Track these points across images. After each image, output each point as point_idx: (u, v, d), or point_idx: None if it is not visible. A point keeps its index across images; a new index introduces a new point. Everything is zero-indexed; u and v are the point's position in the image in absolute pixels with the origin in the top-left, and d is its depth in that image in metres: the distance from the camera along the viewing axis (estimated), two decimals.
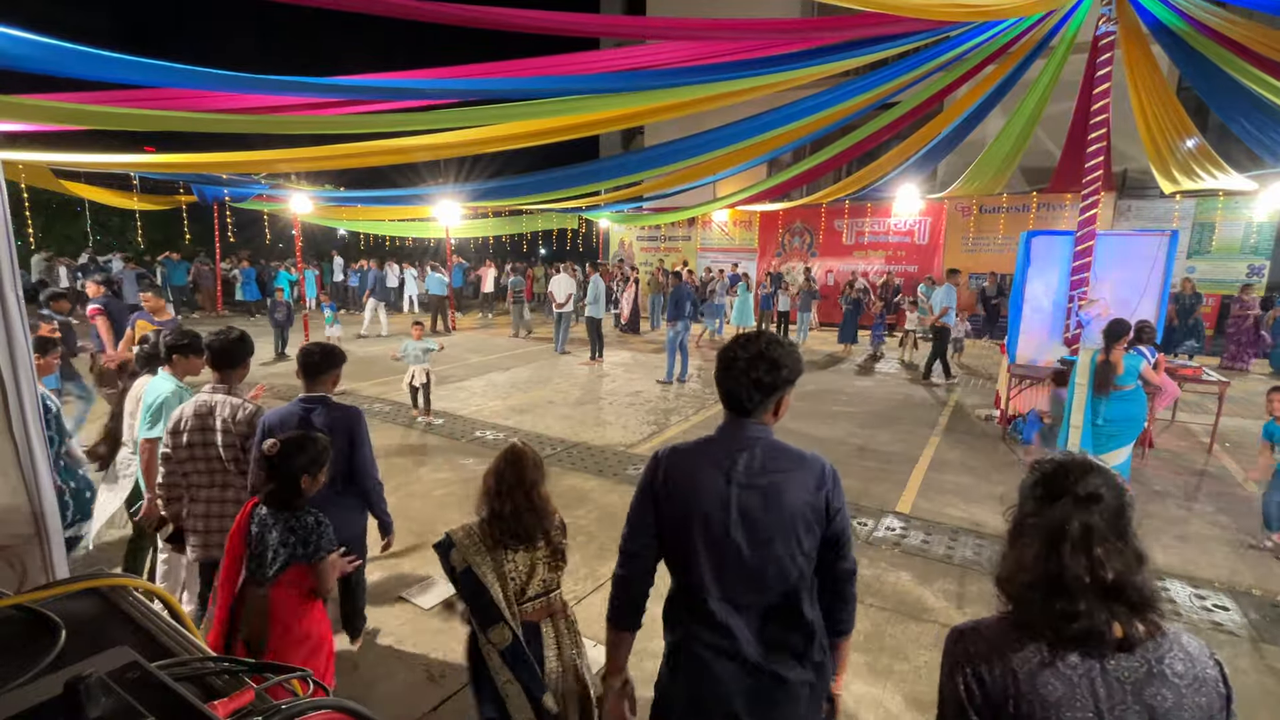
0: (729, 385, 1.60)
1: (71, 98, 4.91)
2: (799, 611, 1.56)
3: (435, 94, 5.32)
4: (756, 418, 1.61)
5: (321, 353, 2.92)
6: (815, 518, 1.55)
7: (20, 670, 0.69)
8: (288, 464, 2.16)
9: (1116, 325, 5.06)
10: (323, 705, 0.71)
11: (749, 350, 1.58)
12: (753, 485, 1.55)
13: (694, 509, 1.57)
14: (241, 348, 2.92)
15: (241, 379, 2.97)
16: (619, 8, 22.22)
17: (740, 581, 1.56)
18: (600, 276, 11.89)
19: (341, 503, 2.79)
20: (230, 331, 2.92)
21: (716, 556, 1.56)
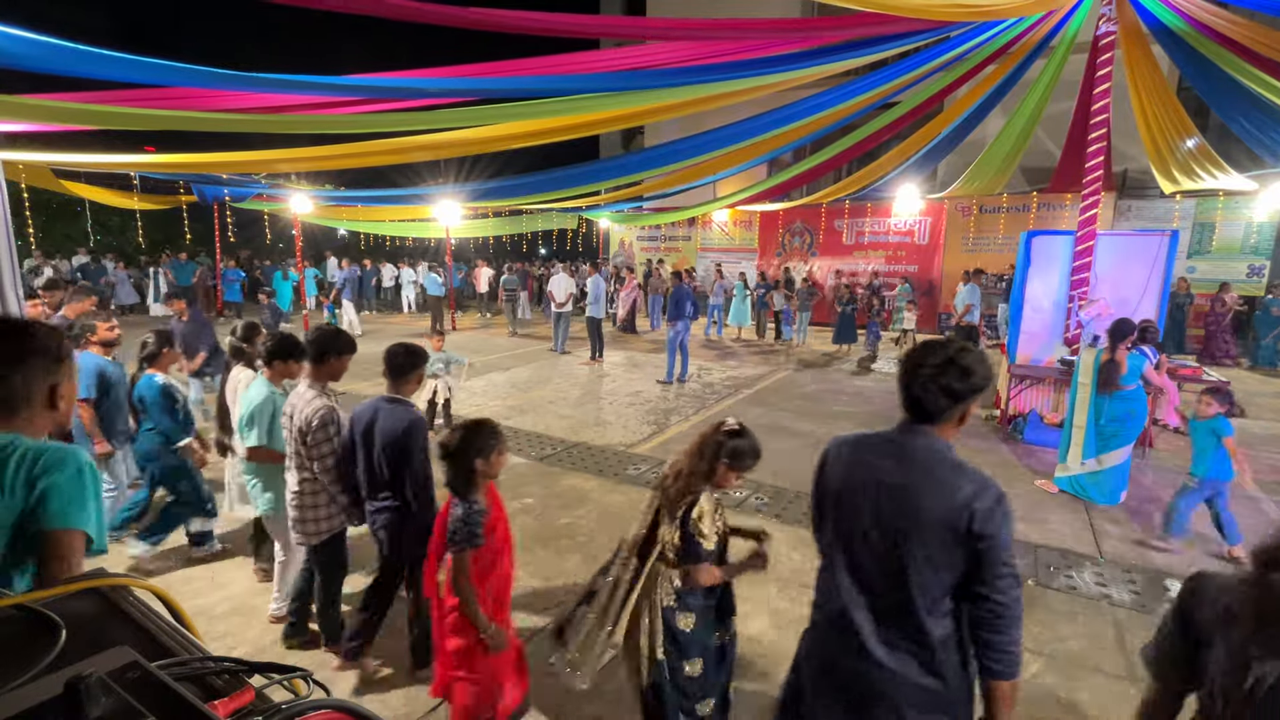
0: (915, 391, 1.59)
1: (72, 97, 4.91)
2: (916, 619, 1.56)
3: (435, 93, 5.32)
4: (937, 424, 1.61)
5: (405, 353, 2.89)
6: (953, 538, 1.51)
7: (20, 670, 0.69)
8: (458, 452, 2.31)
9: (1121, 325, 5.06)
10: (323, 705, 0.71)
11: (938, 356, 1.57)
12: (894, 484, 1.58)
13: (841, 497, 1.68)
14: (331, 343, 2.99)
15: (327, 374, 2.99)
16: (619, 9, 22.22)
17: (865, 574, 1.63)
18: (600, 276, 11.89)
19: (384, 503, 2.85)
20: (327, 327, 3.02)
21: (849, 545, 1.66)
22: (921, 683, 1.57)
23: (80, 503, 1.36)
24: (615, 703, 2.84)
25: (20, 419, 1.40)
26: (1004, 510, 1.52)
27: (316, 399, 2.88)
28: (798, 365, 10.95)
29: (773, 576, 3.92)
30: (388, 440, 2.75)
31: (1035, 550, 4.33)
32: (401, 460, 2.76)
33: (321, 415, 2.84)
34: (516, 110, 5.83)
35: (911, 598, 1.56)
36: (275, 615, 3.38)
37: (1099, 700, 2.92)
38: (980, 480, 1.55)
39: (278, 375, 3.23)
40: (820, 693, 1.73)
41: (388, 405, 2.83)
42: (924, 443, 1.60)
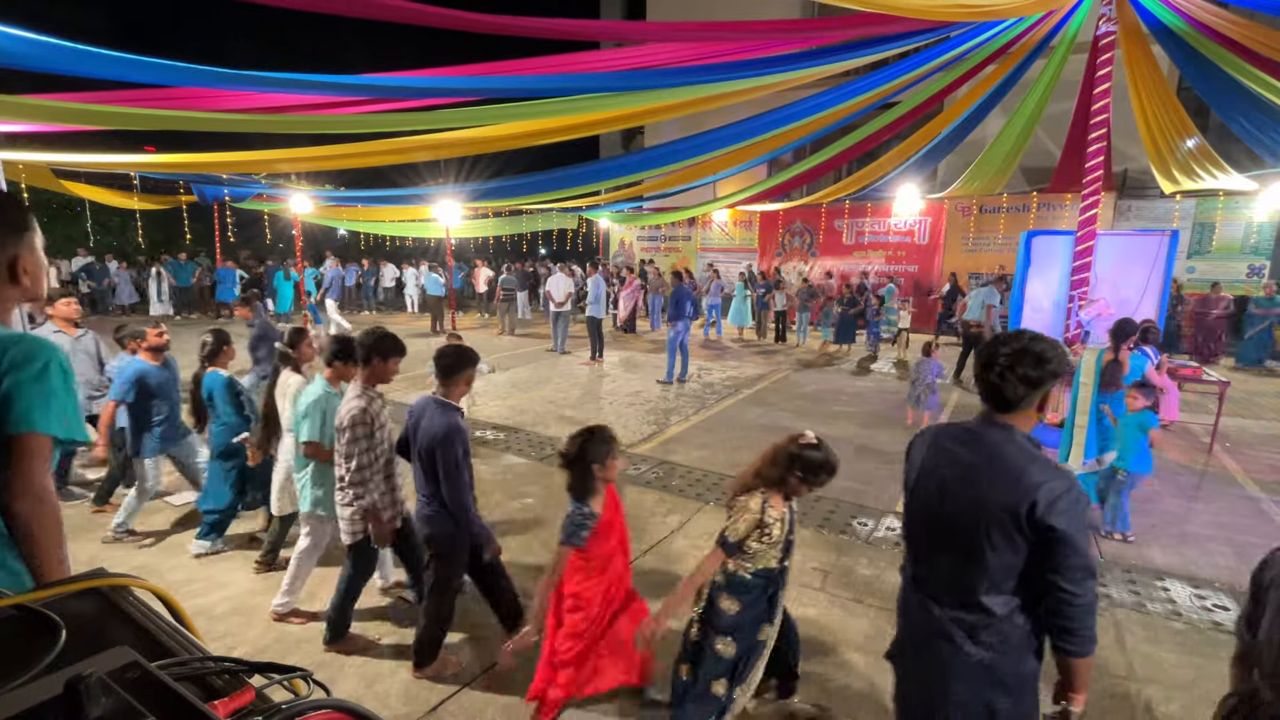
0: (992, 380, 1.68)
1: (72, 97, 4.91)
2: (976, 596, 1.67)
3: (435, 93, 5.32)
4: (1017, 412, 1.69)
5: (455, 354, 2.91)
6: (1014, 524, 1.59)
7: (20, 670, 0.69)
8: (576, 458, 2.48)
9: (1124, 325, 5.05)
10: (323, 705, 0.71)
11: (1012, 345, 1.66)
12: (964, 468, 1.71)
13: (918, 480, 1.85)
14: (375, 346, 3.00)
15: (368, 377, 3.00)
16: (619, 10, 22.21)
17: (935, 551, 1.79)
18: (600, 276, 11.90)
19: (431, 500, 2.88)
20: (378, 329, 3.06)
21: (923, 524, 1.84)
22: (976, 657, 1.67)
23: (44, 403, 1.31)
24: (615, 702, 2.84)
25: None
26: (1074, 500, 1.57)
27: (354, 400, 2.90)
28: (797, 365, 10.95)
29: None
30: (427, 441, 2.78)
31: None
32: (438, 462, 2.76)
33: (351, 416, 2.86)
34: (517, 110, 5.83)
35: (974, 576, 1.67)
36: (278, 612, 3.37)
37: (1099, 701, 2.91)
38: (1050, 471, 1.60)
39: (336, 376, 3.32)
40: (905, 651, 1.92)
41: (434, 406, 2.85)
42: (999, 431, 1.69)
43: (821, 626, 3.40)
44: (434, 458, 2.76)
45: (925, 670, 1.79)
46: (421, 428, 2.83)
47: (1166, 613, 3.62)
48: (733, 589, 2.35)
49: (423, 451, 2.81)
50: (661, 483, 5.46)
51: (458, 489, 2.78)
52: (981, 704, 1.70)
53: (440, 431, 2.75)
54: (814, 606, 3.60)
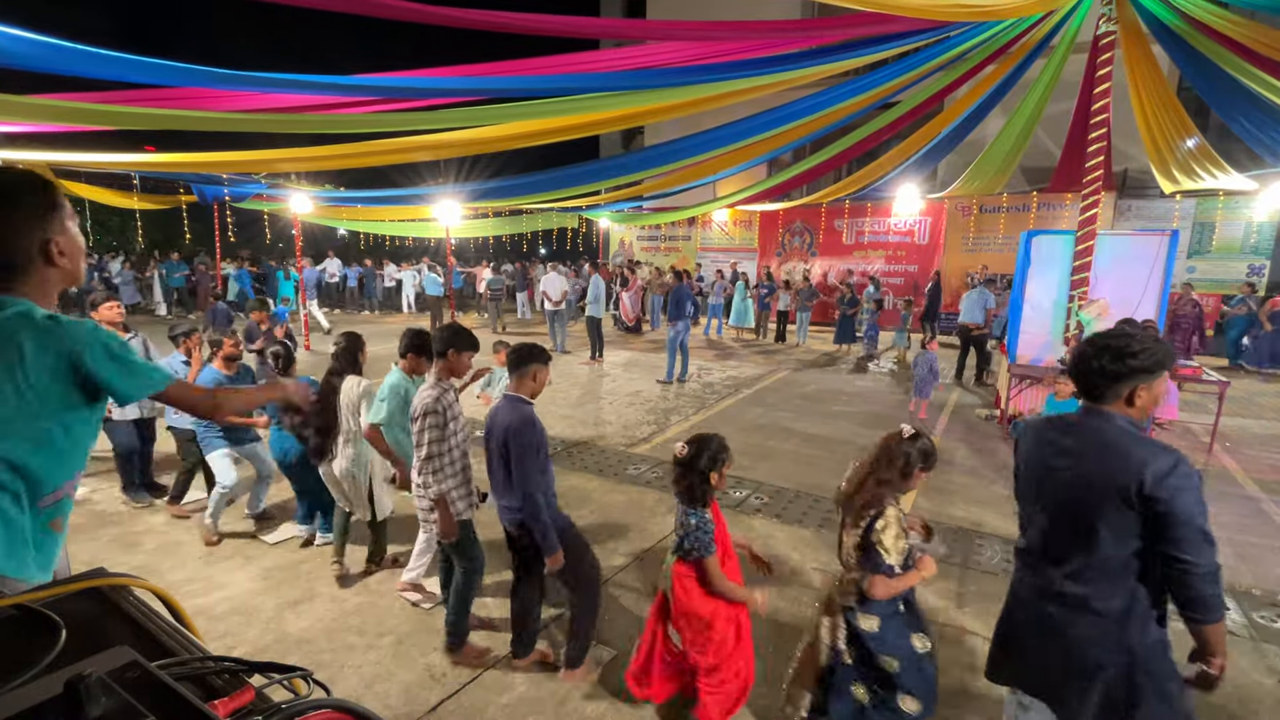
0: (1076, 372, 1.87)
1: (72, 97, 4.91)
2: (1092, 571, 1.79)
3: (436, 93, 5.33)
4: (1108, 403, 1.81)
5: (524, 351, 2.91)
6: (1125, 501, 1.70)
7: (20, 670, 0.69)
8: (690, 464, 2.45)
9: (1127, 325, 5.07)
10: (323, 705, 0.71)
11: (1097, 343, 1.82)
12: (1071, 453, 1.83)
13: (1028, 468, 1.99)
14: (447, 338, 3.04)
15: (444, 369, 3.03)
16: (619, 9, 22.21)
17: (1049, 532, 1.89)
18: (600, 276, 11.89)
19: (510, 494, 2.84)
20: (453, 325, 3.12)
21: (1036, 507, 1.95)
22: (1093, 629, 1.80)
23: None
24: (616, 703, 2.85)
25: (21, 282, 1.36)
26: (1182, 474, 1.66)
27: (428, 390, 2.95)
28: (797, 365, 10.95)
29: (774, 577, 3.91)
30: (500, 435, 2.78)
31: None
32: (510, 455, 2.76)
33: (424, 404, 2.88)
34: (517, 110, 5.83)
35: (1088, 552, 1.78)
36: (408, 582, 3.60)
37: None
38: (1155, 447, 1.71)
39: (410, 369, 3.44)
40: (1023, 634, 1.99)
41: (506, 403, 2.86)
42: (1099, 418, 1.82)
43: None
44: (508, 452, 2.75)
45: (1052, 649, 1.87)
46: (495, 424, 2.83)
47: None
48: (866, 607, 2.26)
49: (497, 447, 2.80)
50: (661, 483, 5.45)
51: (527, 478, 2.72)
52: (1120, 671, 1.78)
53: (514, 423, 2.75)
54: (814, 607, 3.60)
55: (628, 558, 4.14)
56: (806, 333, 13.31)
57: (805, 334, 13.27)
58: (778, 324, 13.69)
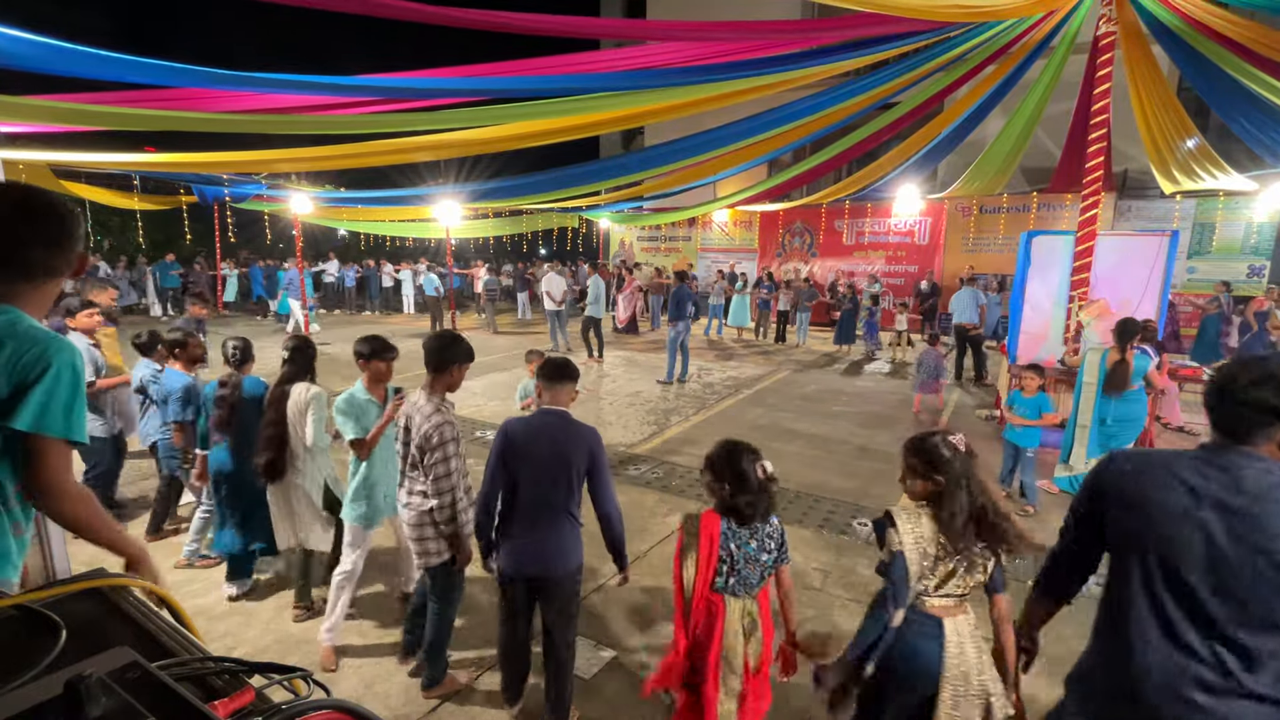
0: (1228, 408, 1.49)
1: (72, 98, 4.90)
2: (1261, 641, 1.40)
3: (436, 94, 5.32)
4: (1257, 445, 1.47)
5: (559, 364, 2.67)
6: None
7: (20, 670, 0.69)
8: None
9: (1129, 324, 5.03)
10: (323, 705, 0.71)
11: (1253, 372, 1.47)
12: (1237, 509, 1.42)
13: (1148, 522, 1.51)
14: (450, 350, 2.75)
15: (445, 385, 2.77)
16: (619, 9, 22.22)
17: (1205, 604, 1.45)
18: (599, 276, 11.90)
19: (556, 529, 2.56)
20: (447, 333, 2.83)
21: (1172, 574, 1.47)
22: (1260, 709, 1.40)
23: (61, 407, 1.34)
24: (616, 703, 2.85)
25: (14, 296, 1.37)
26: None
27: (435, 413, 2.65)
28: (798, 366, 10.95)
29: None
30: (559, 454, 2.51)
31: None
32: (592, 473, 2.56)
33: (441, 431, 2.62)
34: (517, 110, 5.83)
35: (1270, 623, 1.40)
36: (331, 645, 3.11)
37: None
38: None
39: (374, 380, 3.20)
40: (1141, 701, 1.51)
41: (551, 418, 2.59)
42: (1257, 465, 1.45)
43: (822, 627, 3.40)
44: (570, 473, 2.51)
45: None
46: (545, 443, 2.51)
47: None
48: None
49: (560, 467, 2.51)
50: (661, 483, 5.46)
51: (612, 494, 2.59)
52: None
53: (583, 440, 2.54)
54: (813, 607, 3.60)
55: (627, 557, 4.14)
56: (806, 333, 13.31)
57: (805, 334, 13.27)
58: (778, 324, 13.70)
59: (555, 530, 2.53)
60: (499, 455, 2.54)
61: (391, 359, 3.21)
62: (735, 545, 2.21)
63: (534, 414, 2.62)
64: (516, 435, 2.54)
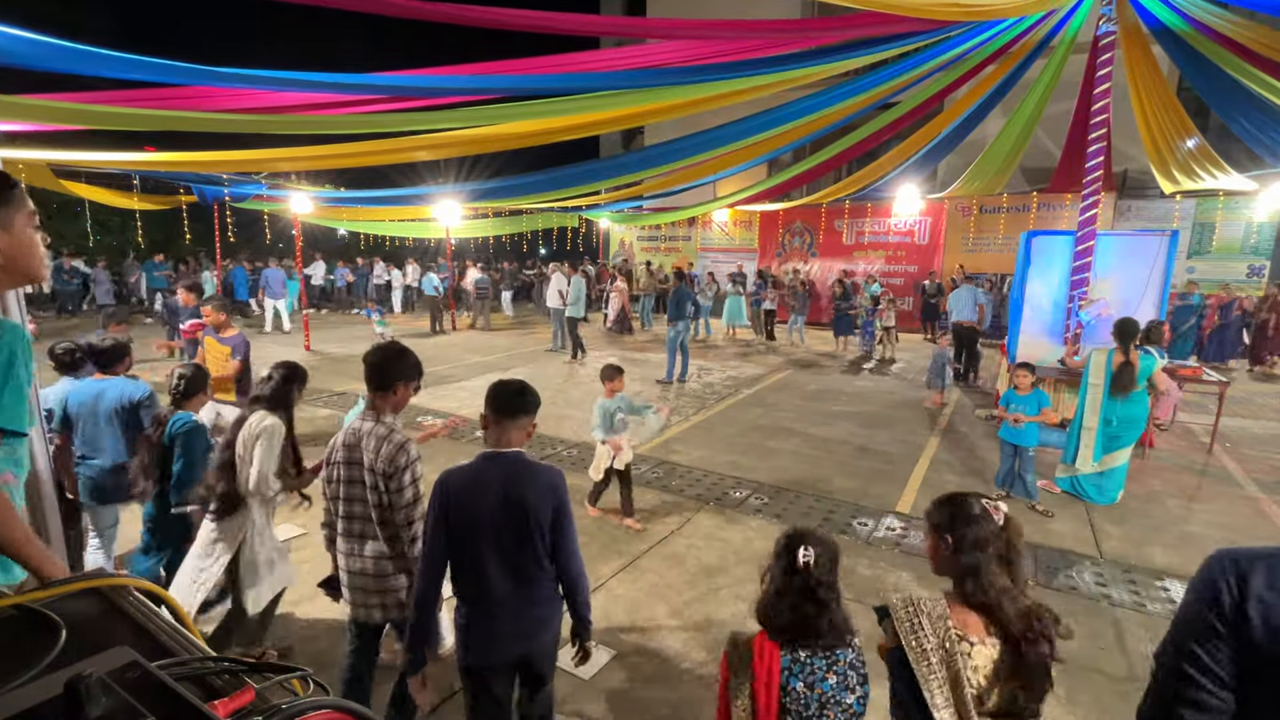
0: None
1: (72, 97, 4.90)
2: None
3: (436, 92, 5.32)
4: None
5: (515, 391, 2.19)
6: None
7: (20, 670, 0.69)
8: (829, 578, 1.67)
9: (1129, 324, 5.01)
10: (323, 705, 0.70)
11: None
12: None
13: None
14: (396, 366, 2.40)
15: (393, 405, 2.42)
16: (619, 8, 22.21)
17: None
18: (580, 277, 11.94)
19: (533, 595, 2.07)
20: (391, 345, 2.47)
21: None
22: None
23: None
24: (616, 703, 2.84)
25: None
26: None
27: (395, 433, 2.31)
28: (798, 366, 10.96)
29: None
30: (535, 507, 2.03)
31: (1035, 550, 4.33)
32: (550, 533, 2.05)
33: (408, 451, 2.28)
34: (517, 110, 5.83)
35: None
36: None
37: (1100, 700, 2.92)
38: None
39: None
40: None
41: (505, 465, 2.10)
42: None
43: None
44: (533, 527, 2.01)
45: None
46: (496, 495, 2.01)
47: (1166, 613, 3.62)
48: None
49: (512, 528, 2.02)
50: (662, 483, 5.46)
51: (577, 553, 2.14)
52: None
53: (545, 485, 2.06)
54: None
55: (627, 558, 4.14)
56: (803, 333, 13.35)
57: (803, 334, 13.32)
58: (765, 322, 13.88)
59: (531, 596, 2.07)
60: (440, 516, 2.02)
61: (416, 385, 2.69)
62: (803, 683, 1.60)
63: (477, 460, 2.10)
64: (458, 489, 2.04)
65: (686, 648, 3.25)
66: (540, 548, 2.03)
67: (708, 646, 3.23)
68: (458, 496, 2.03)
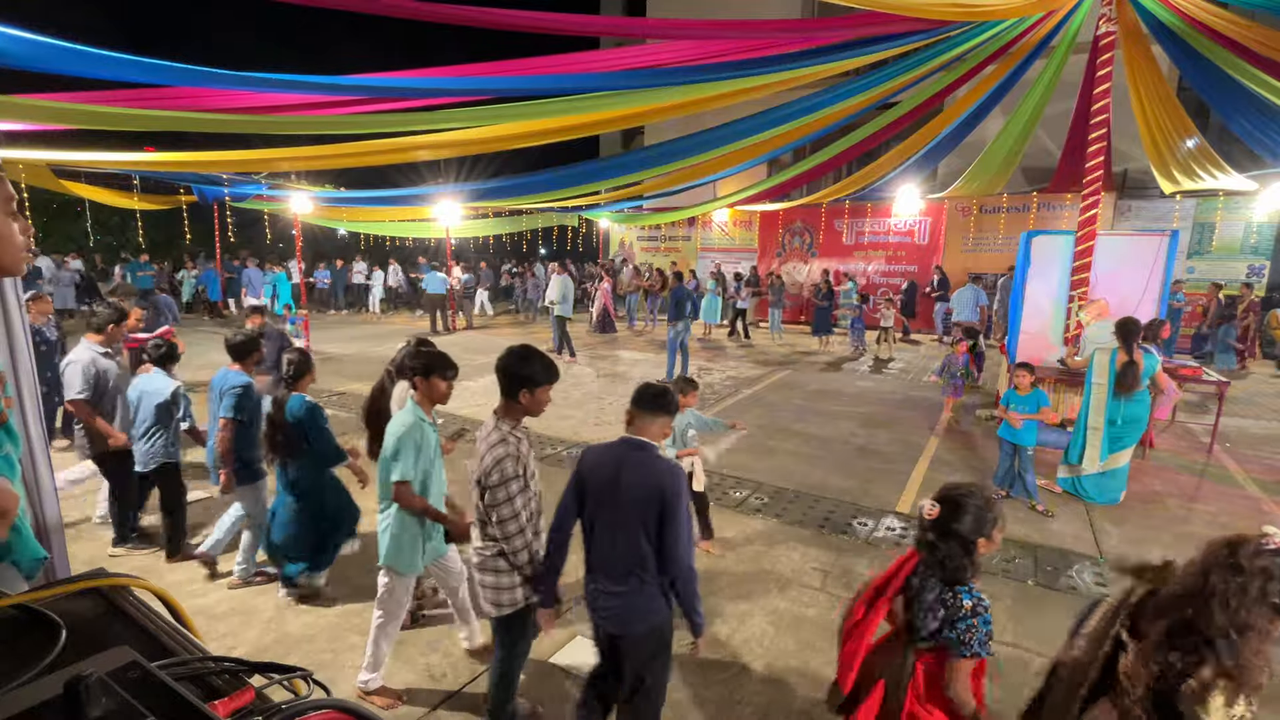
0: None
1: (72, 97, 4.91)
2: None
3: (436, 93, 5.32)
4: None
5: (657, 393, 2.32)
6: None
7: (20, 670, 0.69)
8: (952, 526, 1.82)
9: (1131, 323, 5.00)
10: (323, 705, 0.70)
11: None
12: None
13: None
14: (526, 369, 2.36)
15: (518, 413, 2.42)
16: (619, 8, 22.21)
17: None
18: (567, 276, 11.96)
19: (631, 580, 2.20)
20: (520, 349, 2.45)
21: None
22: None
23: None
24: None
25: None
26: None
27: (499, 445, 2.32)
28: (797, 366, 10.96)
29: (771, 576, 3.92)
30: (640, 495, 2.15)
31: (1035, 550, 4.33)
32: (662, 521, 2.13)
33: (503, 465, 2.28)
34: (516, 110, 5.83)
35: None
36: (363, 689, 2.84)
37: None
38: None
39: (427, 399, 2.79)
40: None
41: (630, 449, 2.24)
42: None
43: (822, 626, 3.40)
44: (649, 516, 2.13)
45: None
46: (623, 481, 2.17)
47: None
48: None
49: (628, 512, 2.16)
50: None
51: (686, 548, 2.18)
52: None
53: (664, 478, 2.15)
54: (814, 607, 3.60)
55: None
56: (780, 328, 13.78)
57: (780, 331, 13.74)
58: (735, 321, 14.20)
59: (627, 580, 2.19)
60: (573, 487, 2.29)
61: (453, 378, 2.84)
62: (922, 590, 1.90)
63: (617, 441, 2.27)
64: (590, 466, 2.27)
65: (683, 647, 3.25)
66: (647, 535, 2.15)
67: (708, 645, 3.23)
68: (590, 470, 2.25)
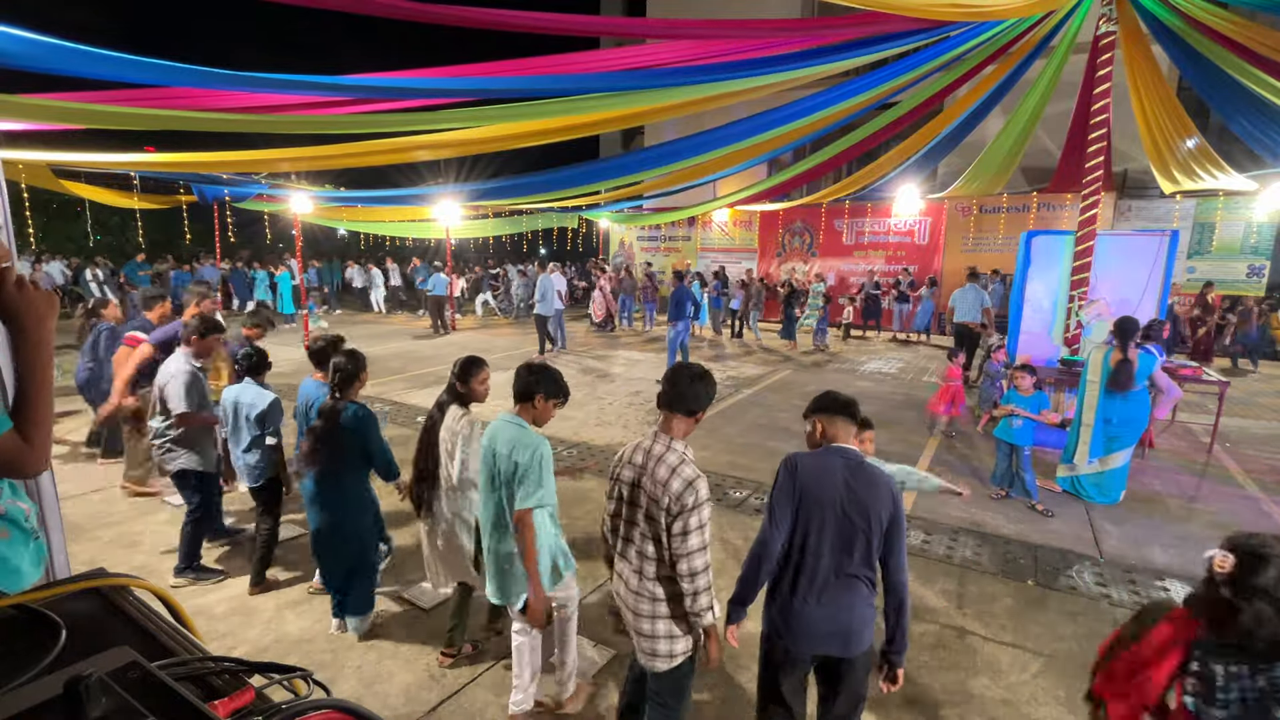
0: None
1: (72, 97, 4.90)
2: None
3: (436, 93, 5.32)
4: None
5: (836, 395, 2.34)
6: None
7: (20, 670, 0.69)
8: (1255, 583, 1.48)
9: (1129, 322, 5.01)
10: (323, 705, 0.70)
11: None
12: None
13: None
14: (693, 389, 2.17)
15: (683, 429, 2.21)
16: (619, 8, 22.21)
17: None
18: (552, 276, 12.00)
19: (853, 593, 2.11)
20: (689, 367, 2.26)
21: None
22: None
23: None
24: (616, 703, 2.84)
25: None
26: None
27: (684, 465, 2.06)
28: (797, 366, 10.96)
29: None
30: (873, 513, 2.05)
31: (1035, 550, 4.33)
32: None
33: (696, 491, 2.02)
34: (517, 110, 5.83)
35: None
36: (517, 711, 2.71)
37: None
38: None
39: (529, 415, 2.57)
40: None
41: (847, 459, 2.15)
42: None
43: None
44: (870, 527, 2.05)
45: None
46: (840, 488, 2.09)
47: None
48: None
49: (849, 523, 2.06)
50: None
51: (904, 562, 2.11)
52: None
53: (884, 488, 2.08)
54: None
55: None
56: (758, 329, 13.88)
57: (757, 330, 13.85)
58: (732, 322, 14.26)
59: (852, 599, 2.09)
60: (788, 496, 2.09)
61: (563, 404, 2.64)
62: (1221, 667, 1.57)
63: (824, 450, 2.19)
64: (808, 474, 2.11)
65: None
66: (871, 548, 2.06)
67: None
68: (805, 478, 2.10)
